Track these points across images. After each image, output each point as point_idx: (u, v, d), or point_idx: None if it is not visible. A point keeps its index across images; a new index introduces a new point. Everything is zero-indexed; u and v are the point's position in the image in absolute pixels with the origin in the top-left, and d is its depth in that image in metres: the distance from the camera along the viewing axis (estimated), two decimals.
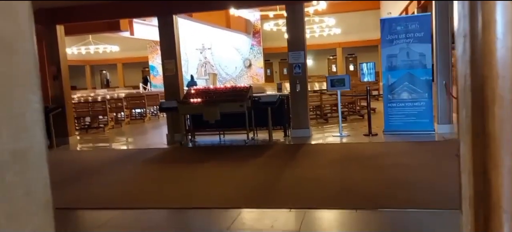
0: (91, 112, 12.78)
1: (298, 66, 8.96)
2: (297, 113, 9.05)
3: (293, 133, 9.09)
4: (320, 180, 5.51)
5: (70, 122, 10.32)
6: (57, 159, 8.47)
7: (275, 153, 7.68)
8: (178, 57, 9.69)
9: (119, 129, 12.74)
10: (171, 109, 9.19)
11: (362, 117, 11.42)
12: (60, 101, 10.03)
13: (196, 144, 9.27)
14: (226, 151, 8.34)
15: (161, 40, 9.61)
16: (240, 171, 6.34)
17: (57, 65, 10.00)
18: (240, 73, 26.93)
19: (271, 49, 27.77)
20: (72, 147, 9.82)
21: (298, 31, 8.96)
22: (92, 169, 7.24)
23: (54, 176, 2.67)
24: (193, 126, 9.56)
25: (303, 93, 9.00)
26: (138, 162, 7.67)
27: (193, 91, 9.40)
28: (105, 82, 35.72)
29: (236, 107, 8.61)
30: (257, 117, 9.00)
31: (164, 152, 8.72)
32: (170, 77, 9.66)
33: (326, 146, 8.10)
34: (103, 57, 29.93)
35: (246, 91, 8.97)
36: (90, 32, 13.20)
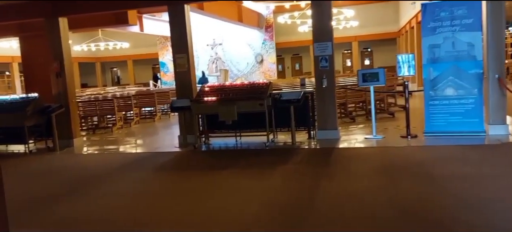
0: (99, 111, 12.01)
1: (325, 59, 8.01)
2: (323, 112, 8.12)
3: (318, 134, 8.16)
4: (364, 196, 4.58)
5: (75, 122, 9.53)
6: (57, 165, 7.68)
7: (302, 159, 6.76)
8: (190, 51, 8.81)
9: (128, 129, 11.94)
10: (184, 108, 8.33)
11: (392, 115, 10.44)
12: (63, 100, 9.24)
13: (210, 147, 8.41)
14: (245, 155, 7.44)
15: (172, 33, 8.74)
16: (265, 182, 5.43)
17: (60, 61, 9.19)
18: (252, 69, 26.05)
19: (284, 44, 26.82)
20: (77, 149, 9.03)
21: (324, 19, 8.02)
22: (95, 177, 6.40)
23: (50, 185, 3.54)
24: (207, 127, 8.69)
25: (330, 90, 8.05)
26: (148, 169, 6.81)
27: (207, 88, 8.52)
28: (116, 80, 35.14)
29: (255, 106, 7.72)
30: (278, 116, 8.11)
31: (177, 156, 7.86)
32: (181, 73, 8.79)
33: (360, 150, 7.15)
34: (114, 54, 29.34)
35: (266, 88, 8.06)
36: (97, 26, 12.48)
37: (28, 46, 11.81)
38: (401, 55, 7.96)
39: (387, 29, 25.91)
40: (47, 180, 6.47)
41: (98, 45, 23.34)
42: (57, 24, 9.08)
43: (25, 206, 5.08)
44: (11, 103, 8.98)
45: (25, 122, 8.46)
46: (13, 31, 11.62)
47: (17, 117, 8.44)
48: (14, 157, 8.70)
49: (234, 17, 20.39)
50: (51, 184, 6.17)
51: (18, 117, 8.44)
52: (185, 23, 8.62)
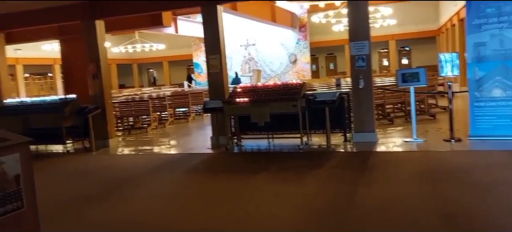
0: (134, 112, 12.20)
1: (362, 59, 7.72)
2: (360, 114, 7.83)
3: (355, 137, 7.87)
4: (405, 203, 4.31)
5: (111, 123, 9.69)
6: (93, 166, 7.81)
7: (339, 163, 6.52)
8: (223, 52, 8.75)
9: (162, 130, 12.06)
10: (216, 109, 8.28)
11: (433, 117, 9.96)
12: (100, 101, 9.42)
13: (242, 149, 8.30)
14: (278, 158, 7.27)
15: (205, 34, 8.71)
16: (301, 187, 5.24)
17: (97, 63, 9.38)
18: (285, 69, 25.83)
19: (318, 44, 26.44)
20: (112, 150, 9.17)
21: (361, 17, 7.73)
22: (129, 179, 6.43)
23: (84, 186, 4.26)
24: (239, 128, 8.59)
25: (368, 91, 7.75)
26: (181, 171, 6.78)
27: (240, 89, 8.43)
28: (152, 81, 35.89)
29: (288, 107, 7.54)
30: (312, 118, 7.89)
31: (209, 158, 7.81)
32: (214, 74, 8.75)
33: (399, 154, 6.81)
34: (150, 56, 29.95)
35: (299, 88, 7.87)
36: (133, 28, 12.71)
37: (68, 49, 12.17)
38: (443, 54, 7.54)
39: (426, 27, 25.00)
40: (82, 181, 6.57)
41: (135, 47, 23.87)
42: (94, 27, 9.26)
43: (60, 207, 5.15)
44: (50, 104, 9.25)
45: (63, 123, 8.68)
46: (54, 33, 12.01)
47: (56, 117, 8.68)
48: (53, 157, 8.94)
49: (267, 17, 20.26)
50: (86, 185, 6.25)
51: (56, 117, 8.67)
52: (217, 24, 8.57)
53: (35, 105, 9.40)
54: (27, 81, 29.66)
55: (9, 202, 3.39)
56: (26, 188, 3.51)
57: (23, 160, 3.53)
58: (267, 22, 20.96)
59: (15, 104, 9.74)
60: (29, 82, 30.76)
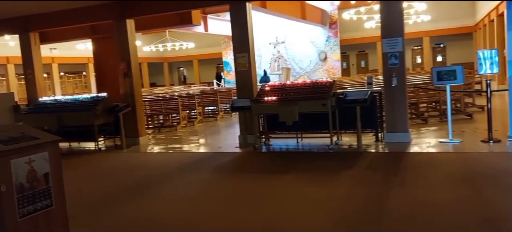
0: (164, 110, 12.32)
1: (395, 56, 7.45)
2: (392, 113, 7.56)
3: (387, 137, 7.61)
4: (443, 208, 4.08)
5: (141, 121, 9.80)
6: (124, 163, 7.91)
7: (371, 164, 6.31)
8: (252, 50, 8.66)
9: (192, 128, 12.12)
10: (244, 108, 8.21)
11: (470, 117, 9.52)
12: (130, 100, 9.54)
13: (270, 148, 8.19)
14: (308, 158, 7.12)
15: (233, 32, 8.65)
16: (330, 190, 5.08)
17: (127, 61, 9.50)
18: (315, 67, 25.49)
19: (348, 41, 25.97)
20: (142, 148, 9.28)
21: (395, 13, 7.45)
22: (158, 177, 6.46)
23: (114, 185, 4.55)
24: (267, 127, 8.48)
25: (401, 89, 7.47)
26: (209, 170, 6.75)
27: (268, 88, 8.32)
28: (183, 79, 36.36)
29: (317, 106, 7.37)
30: (342, 117, 7.68)
31: (237, 157, 7.75)
32: (242, 72, 8.68)
33: (435, 156, 6.51)
34: (180, 54, 30.34)
35: (329, 87, 7.67)
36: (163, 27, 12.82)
37: (100, 48, 12.42)
38: (482, 51, 7.16)
39: (461, 23, 24.07)
40: (112, 179, 6.65)
41: (165, 46, 24.21)
42: (125, 26, 9.38)
43: (89, 205, 5.22)
44: (82, 102, 9.45)
45: (94, 121, 8.84)
46: (87, 33, 12.28)
47: (88, 115, 8.85)
48: (85, 154, 9.14)
49: (297, 14, 20.03)
50: (115, 183, 6.32)
51: (88, 115, 8.84)
52: (246, 22, 8.49)
53: (68, 104, 9.64)
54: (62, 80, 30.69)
55: (39, 200, 3.43)
56: (55, 187, 3.54)
57: (52, 159, 3.56)
58: (296, 19, 20.73)
59: (50, 102, 10.02)
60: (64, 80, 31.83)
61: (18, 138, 3.45)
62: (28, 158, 3.37)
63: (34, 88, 10.63)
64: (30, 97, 10.75)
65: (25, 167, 3.34)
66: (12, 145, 3.31)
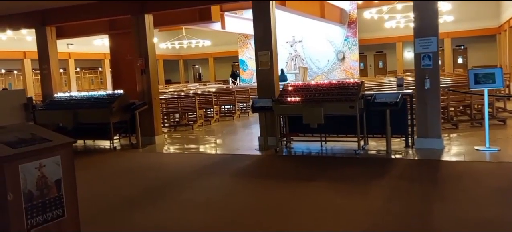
0: (181, 108, 12.02)
1: (428, 57, 6.97)
2: (424, 118, 7.08)
3: (417, 143, 7.14)
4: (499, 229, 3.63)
5: (157, 119, 9.49)
6: (139, 164, 7.59)
7: (403, 173, 5.86)
8: (274, 48, 8.29)
9: (208, 127, 11.80)
10: (265, 109, 7.82)
11: (503, 123, 8.97)
12: (147, 97, 9.24)
13: (292, 151, 7.80)
14: (333, 164, 6.70)
15: (256, 29, 8.27)
16: (361, 201, 4.66)
17: (145, 58, 9.20)
18: (332, 67, 24.99)
19: (366, 41, 25.37)
20: (158, 147, 8.97)
21: (429, 11, 6.97)
22: (173, 180, 6.11)
23: (129, 187, 4.31)
24: (289, 129, 8.08)
25: (435, 92, 7.00)
26: (227, 174, 6.38)
27: (291, 87, 7.92)
28: (198, 77, 36.19)
29: (344, 108, 6.95)
30: (369, 120, 7.26)
31: (257, 160, 7.37)
32: (264, 71, 8.30)
33: (472, 165, 6.03)
34: (196, 52, 30.12)
35: (357, 88, 7.24)
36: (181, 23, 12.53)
37: (116, 44, 12.18)
38: None
39: (485, 24, 23.26)
40: (127, 180, 6.33)
41: (182, 43, 23.97)
42: (143, 21, 9.08)
43: (102, 209, 4.90)
44: (98, 99, 9.17)
45: (110, 118, 8.56)
46: (104, 28, 12.04)
47: (103, 113, 8.57)
48: (100, 153, 8.86)
49: (316, 13, 19.58)
50: (130, 185, 6.00)
51: (104, 113, 8.56)
52: (269, 19, 8.12)
53: (83, 100, 9.38)
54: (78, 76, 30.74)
55: (49, 210, 3.09)
56: (67, 195, 3.20)
57: (65, 163, 3.22)
58: (316, 18, 20.28)
59: (65, 98, 9.78)
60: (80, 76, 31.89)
61: (27, 140, 3.12)
62: (39, 162, 3.03)
63: (49, 84, 10.42)
64: (45, 93, 10.55)
65: (35, 173, 3.01)
66: (20, 147, 2.98)
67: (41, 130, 3.37)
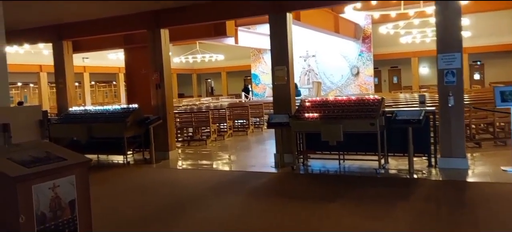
0: (194, 123, 11.90)
1: (452, 73, 6.74)
2: (448, 136, 6.83)
3: (441, 163, 6.87)
4: None
5: (171, 134, 9.38)
6: (153, 180, 7.45)
7: (429, 195, 5.60)
8: (291, 63, 8.14)
9: (222, 142, 11.64)
10: (282, 124, 7.64)
11: None
12: (162, 112, 9.14)
13: (309, 169, 7.58)
14: (353, 183, 6.46)
15: (272, 43, 8.15)
16: (388, 223, 4.43)
17: (160, 72, 9.13)
18: (347, 82, 24.75)
19: (381, 56, 25.10)
20: (172, 163, 8.83)
21: (452, 26, 6.77)
22: (189, 199, 5.94)
23: (144, 205, 4.31)
24: (306, 146, 7.88)
25: (458, 110, 6.75)
26: (244, 192, 6.19)
27: (308, 103, 7.73)
28: (210, 90, 36.25)
29: (365, 126, 6.73)
30: (389, 138, 7.02)
31: (274, 178, 7.17)
32: (280, 86, 8.15)
33: (502, 188, 5.73)
34: (209, 66, 30.20)
35: (377, 105, 7.02)
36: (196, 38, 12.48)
37: (131, 58, 12.17)
38: None
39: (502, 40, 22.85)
40: (140, 198, 6.18)
41: (195, 57, 24.04)
42: (159, 36, 9.04)
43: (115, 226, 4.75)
44: (112, 113, 9.10)
45: (124, 133, 8.46)
46: (119, 43, 12.06)
47: (118, 127, 8.48)
48: (113, 168, 8.75)
49: (330, 27, 19.46)
50: (144, 203, 5.83)
51: (118, 127, 8.47)
52: (286, 34, 7.99)
53: (98, 114, 9.32)
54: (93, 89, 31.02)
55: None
56: (81, 216, 3.05)
57: (80, 183, 3.08)
58: (330, 32, 20.15)
59: (80, 112, 9.75)
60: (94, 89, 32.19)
61: (42, 158, 2.99)
62: (53, 182, 2.90)
63: (64, 97, 10.42)
64: (60, 106, 10.54)
65: (49, 193, 2.87)
66: (34, 167, 2.85)
67: (56, 147, 3.25)
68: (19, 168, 2.76)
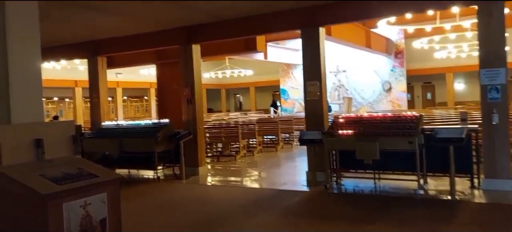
0: (224, 138, 11.83)
1: (495, 89, 6.37)
2: (492, 156, 6.42)
3: (485, 184, 6.45)
4: None
5: (201, 150, 9.31)
6: (183, 197, 7.36)
7: (475, 220, 5.23)
8: (323, 79, 7.95)
9: (251, 158, 11.49)
10: (314, 142, 7.42)
11: None
12: (192, 127, 9.11)
13: (342, 189, 7.30)
14: (391, 205, 6.12)
15: (304, 58, 8.00)
16: None
17: (191, 87, 9.13)
18: (378, 98, 24.22)
19: (414, 71, 24.43)
20: (201, 179, 8.74)
21: (497, 39, 6.41)
22: (220, 217, 5.79)
23: (174, 223, 4.48)
24: (339, 164, 7.61)
25: (503, 128, 6.36)
26: (277, 212, 5.97)
27: (342, 120, 7.49)
28: (238, 106, 36.34)
29: (403, 144, 6.43)
30: (428, 157, 6.67)
31: (307, 198, 6.93)
32: (312, 102, 7.95)
33: None
34: (238, 81, 30.32)
35: (415, 122, 6.71)
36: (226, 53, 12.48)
37: (163, 73, 12.31)
38: None
39: None
40: (170, 215, 6.07)
41: (225, 73, 24.19)
42: (191, 51, 9.07)
43: None
44: (144, 128, 9.15)
45: (155, 148, 8.46)
46: (152, 58, 12.24)
47: (149, 142, 8.48)
48: (143, 183, 8.73)
49: (362, 42, 19.14)
50: (174, 221, 5.73)
51: (149, 142, 8.47)
52: (318, 48, 7.83)
53: (130, 129, 9.38)
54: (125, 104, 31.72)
55: None
56: None
57: (111, 201, 3.00)
58: (361, 47, 19.83)
59: (112, 127, 9.86)
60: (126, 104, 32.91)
61: (73, 175, 2.93)
62: (84, 200, 2.82)
63: (98, 112, 10.59)
64: (94, 120, 10.72)
65: (79, 212, 2.79)
66: (66, 184, 2.79)
67: (88, 164, 3.19)
68: (50, 185, 2.70)
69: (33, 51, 3.40)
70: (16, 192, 2.67)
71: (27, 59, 3.36)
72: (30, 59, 3.38)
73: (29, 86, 3.32)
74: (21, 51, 3.31)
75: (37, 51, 3.45)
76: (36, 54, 3.44)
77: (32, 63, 3.40)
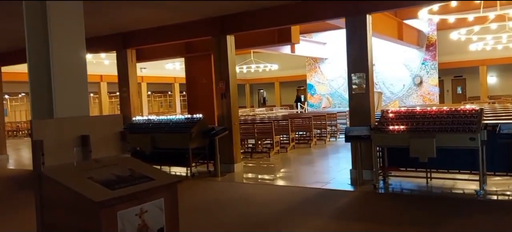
0: (256, 134, 11.38)
1: None
2: None
3: None
4: None
5: (236, 146, 8.88)
6: (220, 196, 6.94)
7: None
8: (370, 70, 7.40)
9: (285, 155, 11.02)
10: (361, 138, 6.89)
11: None
12: (227, 122, 8.69)
13: (391, 189, 6.75)
14: (451, 207, 5.54)
15: (349, 48, 7.46)
16: None
17: (226, 81, 8.71)
18: (408, 92, 23.36)
19: (444, 65, 23.45)
20: (237, 177, 8.32)
21: None
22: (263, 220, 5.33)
23: (215, 224, 4.11)
24: (388, 162, 7.06)
25: None
26: (326, 215, 5.47)
27: (392, 114, 6.93)
28: (262, 101, 35.87)
29: (463, 140, 5.86)
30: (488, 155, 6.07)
31: (355, 198, 6.41)
32: (358, 95, 7.41)
33: None
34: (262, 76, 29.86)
35: (477, 116, 6.11)
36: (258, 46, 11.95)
37: (192, 67, 11.95)
38: None
39: None
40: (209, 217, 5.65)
41: (250, 67, 23.75)
42: (225, 42, 8.63)
43: None
44: (176, 123, 8.77)
45: (189, 144, 8.07)
46: (180, 51, 11.89)
47: (182, 138, 8.11)
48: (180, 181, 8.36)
49: (393, 34, 18.36)
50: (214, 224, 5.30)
51: (183, 138, 8.10)
52: (365, 37, 7.28)
53: (162, 124, 9.02)
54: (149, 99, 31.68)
55: None
56: None
57: (169, 208, 2.56)
58: (392, 40, 19.04)
59: (143, 122, 9.54)
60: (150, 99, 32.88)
61: (126, 178, 2.51)
62: (140, 207, 2.40)
63: (128, 106, 10.30)
64: (123, 115, 10.42)
65: (135, 221, 2.38)
66: (120, 189, 2.37)
67: (140, 164, 2.78)
68: (103, 191, 2.29)
69: (77, 40, 3.02)
70: (65, 199, 2.28)
71: (70, 49, 2.99)
72: (74, 49, 3.00)
73: (74, 77, 2.94)
74: (65, 42, 2.95)
75: (82, 41, 3.08)
76: (80, 45, 3.06)
77: (77, 53, 3.02)
